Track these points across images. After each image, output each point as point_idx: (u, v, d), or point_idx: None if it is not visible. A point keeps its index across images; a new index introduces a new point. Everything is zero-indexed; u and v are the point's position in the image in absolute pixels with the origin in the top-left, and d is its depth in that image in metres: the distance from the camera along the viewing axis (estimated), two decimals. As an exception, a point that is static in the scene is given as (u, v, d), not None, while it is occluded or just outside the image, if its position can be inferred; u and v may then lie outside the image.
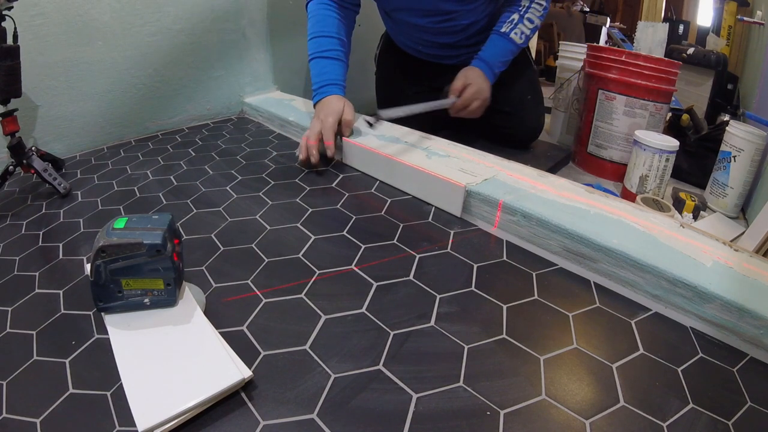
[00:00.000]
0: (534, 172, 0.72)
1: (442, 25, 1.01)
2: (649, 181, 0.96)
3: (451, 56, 1.11)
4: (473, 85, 0.95)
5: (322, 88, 0.89)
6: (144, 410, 0.36)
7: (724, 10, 1.64)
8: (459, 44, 1.07)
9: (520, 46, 0.99)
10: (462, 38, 1.06)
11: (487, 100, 0.98)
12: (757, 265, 0.51)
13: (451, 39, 1.06)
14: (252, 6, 1.15)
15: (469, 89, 0.95)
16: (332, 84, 0.89)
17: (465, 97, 0.95)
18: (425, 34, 1.05)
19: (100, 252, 0.43)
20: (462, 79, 0.96)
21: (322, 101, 0.87)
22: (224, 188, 0.78)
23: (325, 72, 0.90)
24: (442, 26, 1.01)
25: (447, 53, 1.11)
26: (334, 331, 0.47)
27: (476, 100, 0.96)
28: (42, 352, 0.45)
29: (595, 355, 0.44)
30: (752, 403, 0.40)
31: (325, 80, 0.89)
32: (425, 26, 1.02)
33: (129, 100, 1.01)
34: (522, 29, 0.97)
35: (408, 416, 0.38)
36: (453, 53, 1.10)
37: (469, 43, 1.07)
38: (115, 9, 0.92)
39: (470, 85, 0.95)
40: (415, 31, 1.06)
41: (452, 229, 0.65)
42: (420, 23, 1.02)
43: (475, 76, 0.96)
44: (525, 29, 0.98)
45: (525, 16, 0.97)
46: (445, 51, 1.10)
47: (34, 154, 0.75)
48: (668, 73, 1.04)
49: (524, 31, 0.98)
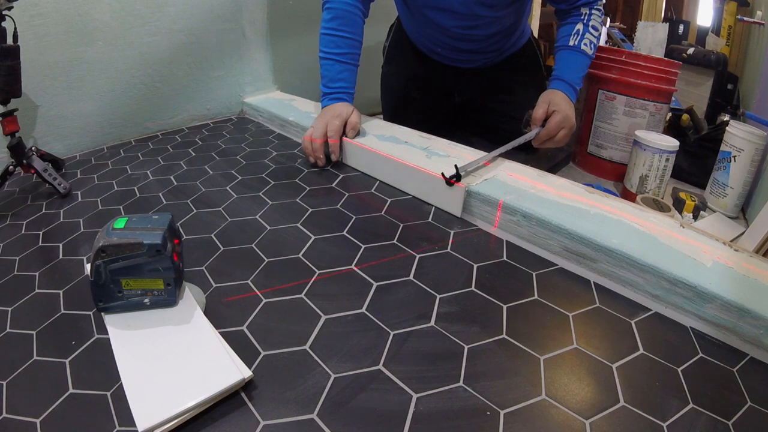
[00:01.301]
0: (534, 172, 0.72)
1: (468, 31, 0.97)
2: (649, 181, 0.96)
3: (468, 61, 1.08)
4: (558, 112, 0.85)
5: (334, 94, 0.89)
6: (144, 410, 0.36)
7: (724, 10, 1.64)
8: (479, 50, 1.04)
9: (591, 57, 0.92)
10: (484, 45, 1.03)
11: (573, 127, 0.88)
12: (757, 265, 0.51)
13: (473, 45, 1.02)
14: (252, 6, 1.15)
15: (554, 117, 0.85)
16: (345, 92, 0.89)
17: (550, 127, 0.85)
18: (449, 37, 1.01)
19: (100, 252, 0.43)
20: (544, 105, 0.87)
21: (331, 105, 0.88)
22: (224, 188, 0.78)
23: (340, 78, 0.89)
24: (468, 32, 0.97)
25: (465, 57, 1.07)
26: (334, 331, 0.47)
27: (563, 128, 0.86)
28: (42, 352, 0.45)
29: (595, 355, 0.44)
30: (752, 403, 0.40)
31: (338, 88, 0.89)
32: (451, 29, 0.97)
33: (129, 100, 1.01)
34: (590, 38, 0.91)
35: (408, 416, 0.38)
36: (471, 58, 1.07)
37: (488, 50, 1.05)
38: (115, 9, 0.92)
39: (555, 112, 0.85)
40: (438, 32, 1.02)
41: (452, 229, 0.65)
42: (447, 24, 0.97)
43: (558, 101, 0.87)
44: (592, 38, 0.91)
45: (589, 24, 0.91)
46: (463, 56, 1.07)
47: (34, 154, 0.75)
48: (668, 73, 1.04)
49: (592, 40, 0.91)
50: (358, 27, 0.90)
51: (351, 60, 0.90)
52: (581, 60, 0.92)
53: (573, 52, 0.92)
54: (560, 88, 0.90)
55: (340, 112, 0.84)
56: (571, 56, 0.92)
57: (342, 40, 0.88)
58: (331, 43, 0.88)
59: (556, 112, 0.86)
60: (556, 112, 0.86)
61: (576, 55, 0.91)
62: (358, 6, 0.89)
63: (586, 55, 0.91)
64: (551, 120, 0.86)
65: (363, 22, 0.91)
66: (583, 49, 0.91)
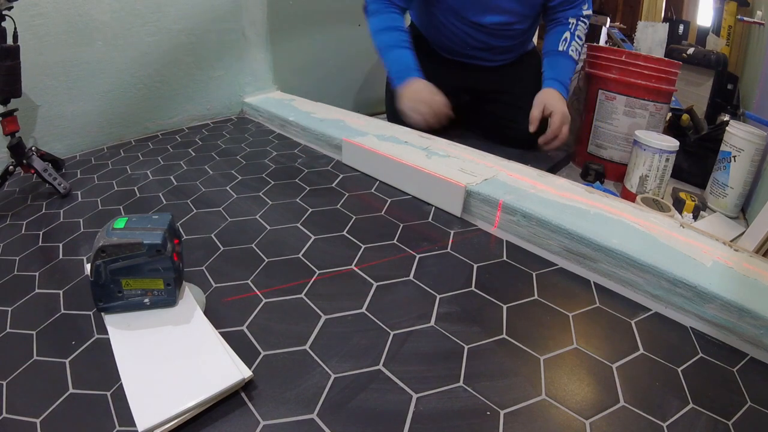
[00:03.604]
0: (534, 172, 0.72)
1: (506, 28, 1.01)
2: (649, 181, 0.96)
3: (491, 59, 1.09)
4: (556, 112, 0.91)
5: (413, 71, 0.95)
6: (144, 410, 0.36)
7: (724, 10, 1.64)
8: (508, 48, 1.07)
9: (577, 62, 1.02)
10: (513, 43, 1.06)
11: (569, 119, 0.95)
12: (757, 265, 0.51)
13: (506, 42, 1.05)
14: (252, 6, 1.15)
15: (555, 118, 0.91)
16: (418, 69, 0.95)
17: (554, 127, 0.92)
18: (486, 34, 1.02)
19: (100, 252, 0.43)
20: (539, 106, 0.93)
21: (411, 84, 0.93)
22: (224, 188, 0.78)
23: (411, 60, 0.95)
24: (505, 29, 1.01)
25: (489, 56, 1.08)
26: (334, 331, 0.47)
27: (564, 125, 0.92)
28: (42, 352, 0.45)
29: (595, 355, 0.44)
30: (752, 403, 0.40)
31: (414, 65, 0.95)
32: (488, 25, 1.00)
33: (129, 100, 1.01)
34: (575, 46, 0.99)
35: (408, 416, 0.38)
36: (496, 57, 1.08)
37: (513, 48, 1.08)
38: (115, 9, 0.92)
39: (553, 113, 0.92)
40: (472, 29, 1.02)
41: (452, 229, 0.65)
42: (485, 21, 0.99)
43: (553, 101, 0.93)
44: (577, 46, 1.00)
45: (575, 33, 0.99)
46: (487, 54, 1.08)
47: (34, 154, 0.75)
48: (668, 73, 1.04)
49: (577, 48, 1.00)
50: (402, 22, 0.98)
51: (409, 46, 0.97)
52: (570, 64, 1.01)
53: (563, 57, 1.00)
54: (555, 87, 0.97)
55: (429, 87, 0.92)
56: (562, 60, 1.00)
57: (396, 33, 0.96)
58: (389, 38, 0.96)
59: (554, 113, 0.92)
60: (555, 113, 0.92)
61: (566, 59, 1.00)
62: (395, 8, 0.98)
63: (573, 60, 1.01)
64: (553, 121, 0.92)
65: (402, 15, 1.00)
66: (571, 54, 1.00)
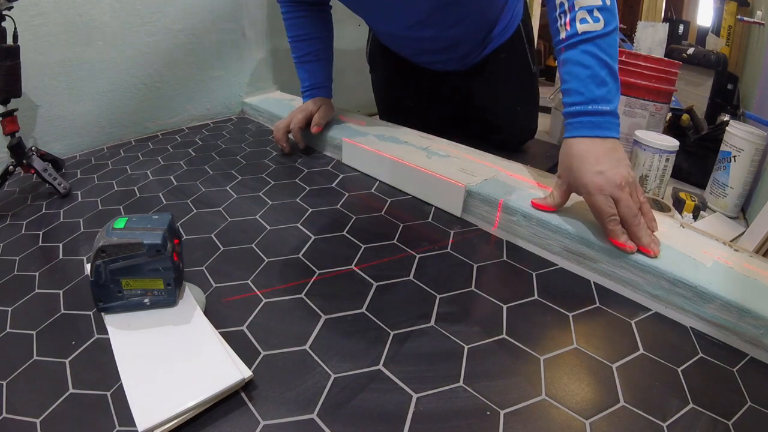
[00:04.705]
0: (534, 172, 0.72)
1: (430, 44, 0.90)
2: (649, 181, 0.96)
3: (443, 62, 0.99)
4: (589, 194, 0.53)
5: (307, 92, 0.96)
6: (144, 410, 0.36)
7: (724, 10, 1.64)
8: (451, 53, 0.95)
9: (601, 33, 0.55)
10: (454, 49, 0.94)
11: (633, 180, 0.53)
12: (757, 265, 0.51)
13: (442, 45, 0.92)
14: (252, 6, 1.15)
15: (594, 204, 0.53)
16: (315, 88, 0.95)
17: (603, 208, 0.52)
18: (414, 41, 0.93)
19: (100, 252, 0.43)
20: (563, 185, 0.58)
21: (305, 102, 0.94)
22: (224, 188, 0.78)
23: (308, 77, 0.94)
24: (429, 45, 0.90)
25: (437, 59, 0.98)
26: (334, 331, 0.47)
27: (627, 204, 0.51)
28: (42, 352, 0.45)
29: (595, 355, 0.44)
30: (752, 403, 0.40)
31: (309, 86, 0.95)
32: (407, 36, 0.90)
33: (129, 100, 1.01)
34: (582, 16, 0.56)
35: (408, 416, 0.38)
36: (443, 58, 0.97)
37: (458, 54, 0.95)
38: (115, 9, 0.92)
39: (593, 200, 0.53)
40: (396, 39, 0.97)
41: (452, 229, 0.65)
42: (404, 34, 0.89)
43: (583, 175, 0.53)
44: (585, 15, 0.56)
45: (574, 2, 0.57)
46: (435, 56, 0.97)
47: (34, 154, 0.75)
48: (668, 73, 1.04)
49: (585, 17, 0.56)
50: (309, 26, 0.93)
51: (313, 57, 0.94)
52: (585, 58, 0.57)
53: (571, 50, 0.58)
54: (578, 133, 0.56)
55: (305, 107, 0.91)
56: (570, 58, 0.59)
57: (300, 43, 0.93)
58: (294, 50, 0.94)
59: (585, 194, 0.54)
60: (586, 195, 0.54)
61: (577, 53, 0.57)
62: (304, 8, 0.92)
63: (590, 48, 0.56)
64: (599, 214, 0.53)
65: (317, 18, 0.94)
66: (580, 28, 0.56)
